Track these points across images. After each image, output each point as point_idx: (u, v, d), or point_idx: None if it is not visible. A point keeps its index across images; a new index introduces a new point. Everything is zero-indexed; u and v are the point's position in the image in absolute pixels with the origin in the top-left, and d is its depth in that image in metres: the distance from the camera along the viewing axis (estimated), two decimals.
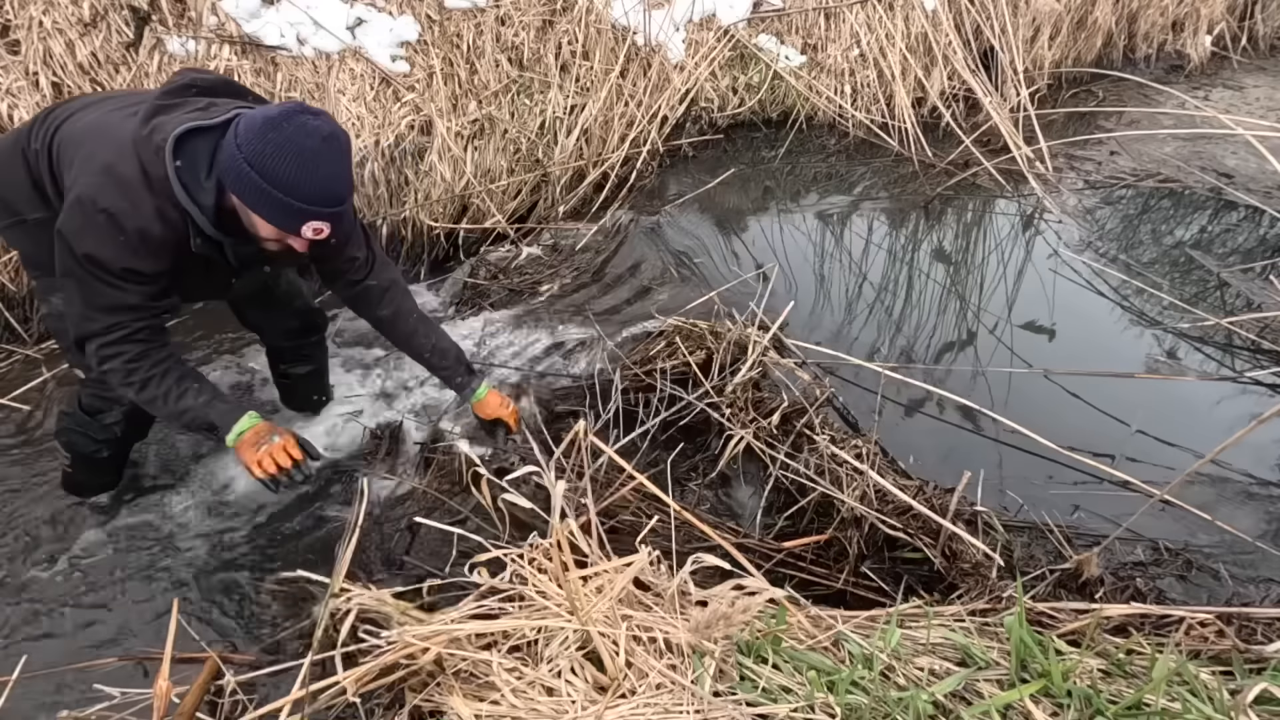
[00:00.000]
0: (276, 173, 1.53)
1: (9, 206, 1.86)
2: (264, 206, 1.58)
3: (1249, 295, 3.47)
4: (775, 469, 2.32)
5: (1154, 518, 2.25)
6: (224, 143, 1.58)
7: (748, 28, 4.36)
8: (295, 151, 1.53)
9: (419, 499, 2.35)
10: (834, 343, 2.92)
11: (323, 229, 1.62)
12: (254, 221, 1.63)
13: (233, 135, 1.57)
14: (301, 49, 3.30)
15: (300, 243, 1.65)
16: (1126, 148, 4.71)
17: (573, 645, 1.51)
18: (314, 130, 1.54)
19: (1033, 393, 2.82)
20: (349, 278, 2.06)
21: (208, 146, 1.62)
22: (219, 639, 2.02)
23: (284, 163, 1.53)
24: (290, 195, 1.55)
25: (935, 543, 2.08)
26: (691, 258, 3.36)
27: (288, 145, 1.53)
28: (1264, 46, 6.41)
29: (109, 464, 2.28)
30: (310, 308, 2.42)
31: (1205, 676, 1.53)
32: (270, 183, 1.54)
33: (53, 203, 1.78)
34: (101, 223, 1.60)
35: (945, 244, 3.81)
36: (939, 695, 1.44)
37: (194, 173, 1.62)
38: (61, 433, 2.21)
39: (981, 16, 4.81)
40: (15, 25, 2.90)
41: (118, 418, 2.13)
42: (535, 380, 2.73)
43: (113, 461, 2.29)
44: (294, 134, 1.53)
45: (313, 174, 1.55)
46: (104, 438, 2.17)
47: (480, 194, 3.61)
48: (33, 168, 1.79)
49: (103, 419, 2.13)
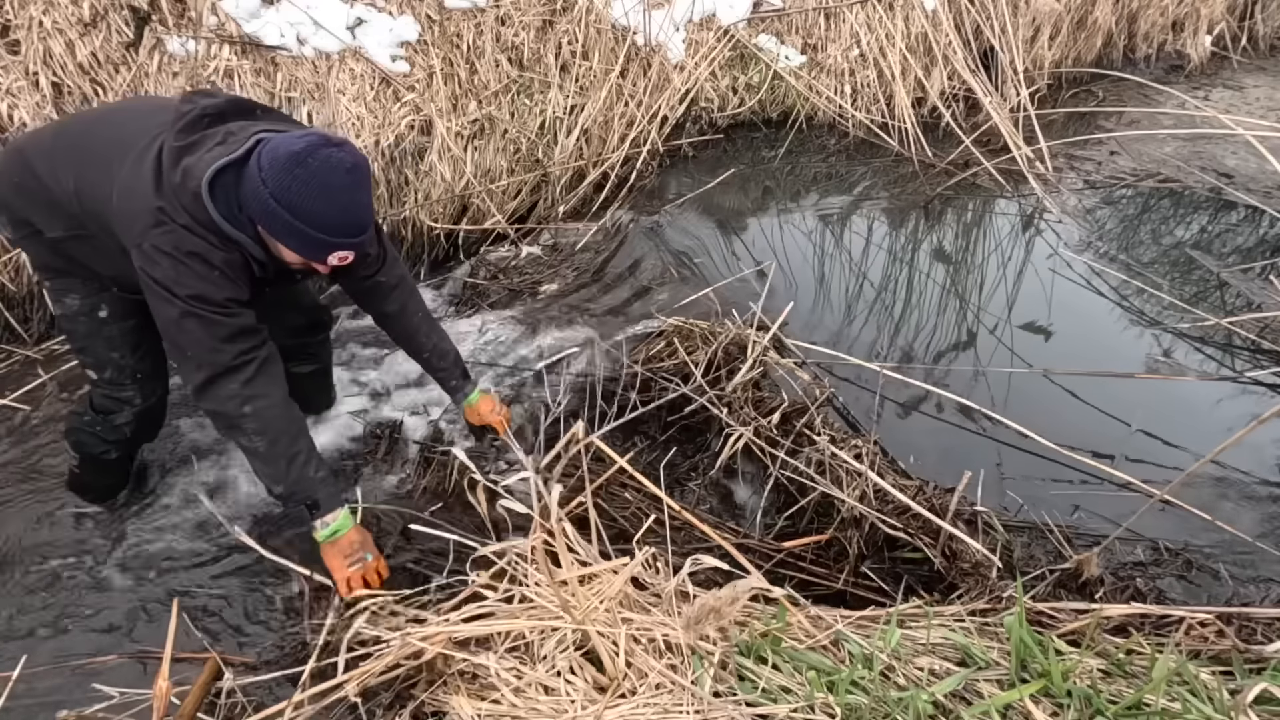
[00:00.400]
0: (304, 209, 1.57)
1: (24, 220, 1.88)
2: (292, 240, 1.63)
3: (1249, 295, 3.47)
4: (775, 469, 2.32)
5: (1154, 518, 2.25)
6: (247, 174, 1.61)
7: (748, 28, 4.36)
8: (322, 188, 1.56)
9: (418, 499, 2.35)
10: (834, 343, 2.92)
11: (348, 256, 1.68)
12: (280, 250, 1.69)
13: (256, 169, 1.58)
14: (301, 49, 3.30)
15: (325, 268, 1.72)
16: (1126, 148, 4.71)
17: (571, 645, 1.51)
18: (338, 164, 1.57)
19: (1033, 393, 2.82)
20: (360, 274, 2.07)
21: (234, 179, 1.64)
22: (219, 639, 2.02)
23: (311, 200, 1.56)
24: (319, 230, 1.60)
25: (935, 543, 2.08)
26: (691, 258, 3.36)
27: (313, 181, 1.55)
28: (1264, 46, 6.41)
29: (116, 466, 2.27)
30: (316, 305, 2.43)
31: (1205, 676, 1.53)
32: (298, 218, 1.58)
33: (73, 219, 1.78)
34: (195, 264, 1.66)
35: (945, 244, 3.81)
36: (939, 695, 1.44)
37: (230, 208, 1.66)
38: (71, 432, 2.21)
39: (981, 16, 4.81)
40: (15, 25, 2.90)
41: (129, 418, 2.13)
42: (534, 380, 2.73)
43: (120, 464, 2.28)
44: (319, 170, 1.56)
45: (340, 208, 1.60)
46: (114, 439, 2.16)
47: (480, 194, 3.61)
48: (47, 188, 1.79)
49: (113, 419, 2.12)
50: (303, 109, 3.28)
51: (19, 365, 2.84)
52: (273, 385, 1.82)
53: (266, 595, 2.13)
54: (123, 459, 2.27)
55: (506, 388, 2.72)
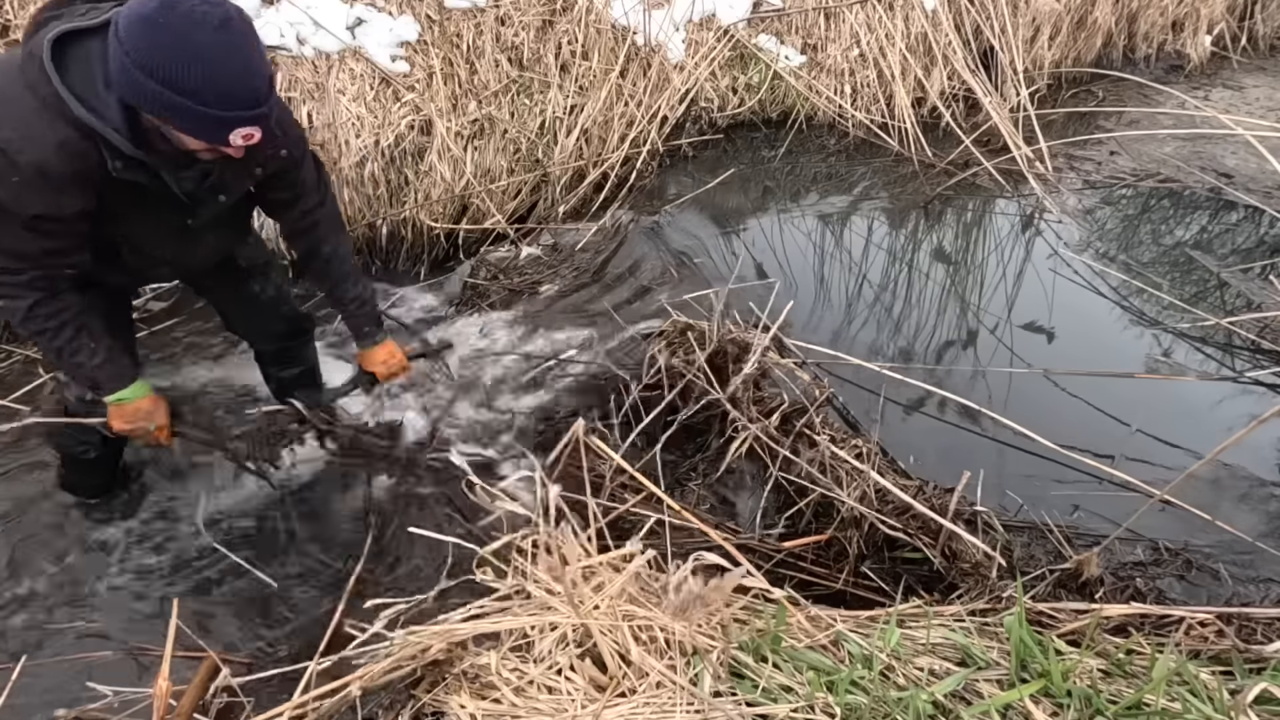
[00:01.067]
0: (176, 78, 1.32)
1: None
2: (176, 118, 1.38)
3: (1249, 295, 3.47)
4: (775, 469, 2.32)
5: (1154, 518, 2.25)
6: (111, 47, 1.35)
7: (748, 28, 4.36)
8: (192, 52, 1.32)
9: (417, 501, 2.36)
10: (834, 343, 2.92)
11: (253, 134, 1.43)
12: (176, 136, 1.44)
13: (115, 39, 1.33)
14: (301, 49, 3.30)
15: (235, 150, 1.46)
16: (1126, 148, 4.71)
17: (571, 643, 1.51)
18: (203, 19, 1.32)
19: (1033, 393, 2.82)
20: (301, 208, 1.90)
21: (98, 52, 1.40)
22: (218, 639, 2.02)
23: (181, 67, 1.32)
24: (202, 104, 1.35)
25: (935, 543, 2.08)
26: (691, 258, 3.36)
27: (180, 46, 1.31)
28: (1264, 46, 6.40)
29: (98, 464, 2.26)
30: (297, 313, 2.38)
31: (1205, 676, 1.53)
32: (175, 91, 1.33)
33: None
34: None
35: (945, 244, 3.81)
36: (939, 695, 1.44)
37: (88, 84, 1.40)
38: (49, 434, 2.21)
39: (981, 16, 4.81)
40: (15, 25, 2.90)
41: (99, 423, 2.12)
42: (534, 380, 2.73)
43: (101, 463, 2.26)
44: (181, 27, 1.31)
45: (219, 73, 1.35)
46: (88, 440, 2.15)
47: (480, 194, 3.61)
48: None
49: None
50: (303, 109, 3.28)
51: (19, 365, 2.84)
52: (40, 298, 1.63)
53: (266, 595, 2.13)
54: (104, 457, 2.24)
55: (507, 388, 2.73)
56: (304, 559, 2.24)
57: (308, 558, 2.24)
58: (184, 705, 1.61)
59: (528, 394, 2.69)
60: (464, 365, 2.83)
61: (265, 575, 2.17)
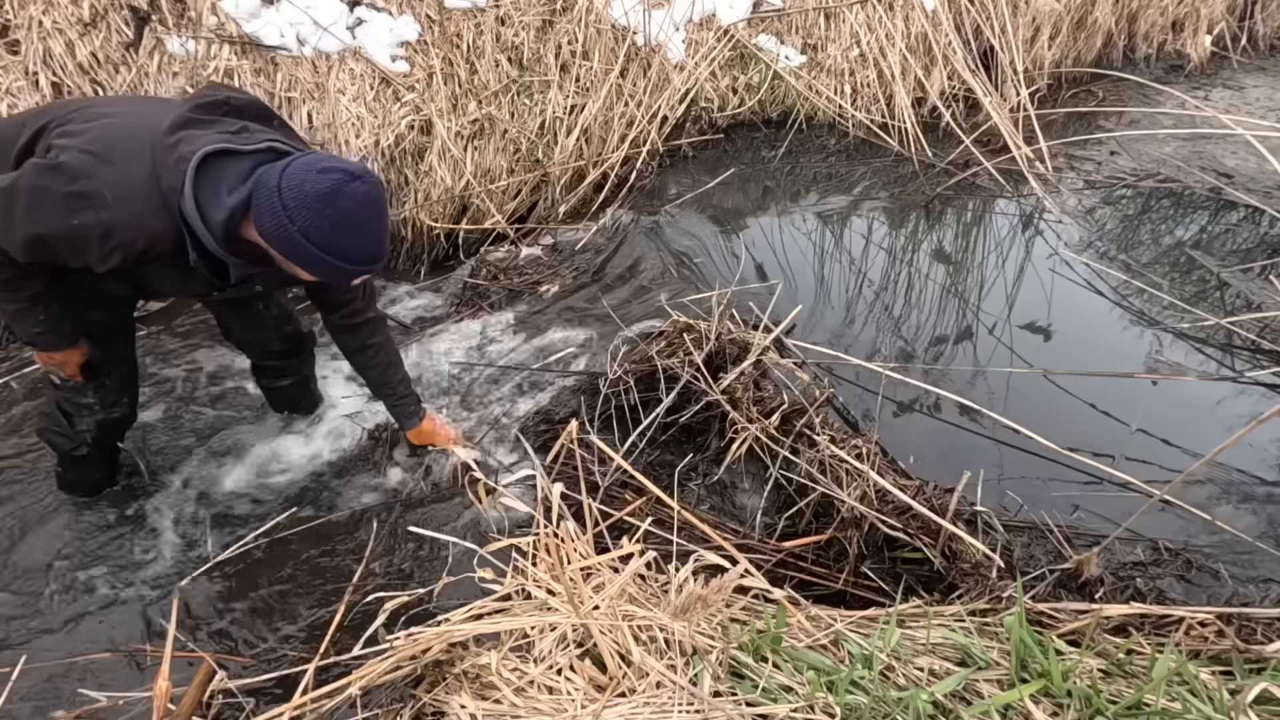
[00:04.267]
0: (334, 245, 1.60)
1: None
2: (316, 269, 1.65)
3: (1249, 295, 3.47)
4: (775, 469, 2.32)
5: (1154, 518, 2.25)
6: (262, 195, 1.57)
7: (747, 28, 4.36)
8: (353, 225, 1.60)
9: (416, 501, 2.36)
10: (834, 343, 2.92)
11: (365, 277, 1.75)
12: (294, 270, 1.68)
13: (277, 197, 1.55)
14: (301, 49, 3.30)
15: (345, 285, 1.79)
16: (1126, 148, 4.71)
17: (571, 643, 1.51)
18: (364, 199, 1.59)
19: (1033, 393, 2.81)
20: (353, 307, 2.08)
21: (236, 171, 1.60)
22: (219, 640, 2.02)
23: (341, 236, 1.60)
24: (346, 261, 1.64)
25: (935, 543, 2.08)
26: (691, 258, 3.36)
27: (344, 220, 1.58)
28: (1264, 46, 6.41)
29: (93, 462, 2.27)
30: (299, 333, 2.41)
31: (1205, 676, 1.53)
32: (327, 252, 1.61)
33: None
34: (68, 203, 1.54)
35: (945, 244, 3.81)
36: (939, 695, 1.44)
37: (214, 191, 1.59)
38: (41, 432, 2.24)
39: (981, 16, 4.81)
40: (15, 25, 2.90)
41: (89, 425, 2.14)
42: (534, 381, 2.73)
43: (95, 460, 2.27)
44: (348, 207, 1.57)
45: (366, 240, 1.64)
46: (78, 440, 2.18)
47: (480, 194, 3.61)
48: None
49: (74, 423, 2.13)
50: (303, 109, 3.28)
51: None
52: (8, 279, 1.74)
53: (266, 595, 2.13)
54: (97, 453, 2.26)
55: (507, 388, 2.72)
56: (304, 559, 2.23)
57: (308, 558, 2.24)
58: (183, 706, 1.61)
59: (528, 395, 2.69)
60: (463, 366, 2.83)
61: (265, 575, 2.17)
